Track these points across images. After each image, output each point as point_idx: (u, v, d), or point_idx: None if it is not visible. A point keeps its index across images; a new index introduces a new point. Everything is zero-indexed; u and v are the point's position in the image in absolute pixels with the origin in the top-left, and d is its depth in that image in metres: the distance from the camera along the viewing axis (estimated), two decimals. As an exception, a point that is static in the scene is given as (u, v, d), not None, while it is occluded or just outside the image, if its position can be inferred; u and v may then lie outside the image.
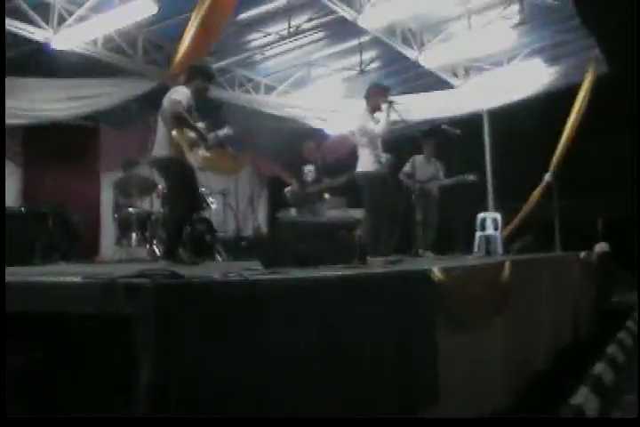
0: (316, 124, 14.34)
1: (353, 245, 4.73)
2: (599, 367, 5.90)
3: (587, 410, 4.69)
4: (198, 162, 6.33)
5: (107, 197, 11.10)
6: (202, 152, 6.38)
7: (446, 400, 3.74)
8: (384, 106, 7.73)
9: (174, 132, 6.06)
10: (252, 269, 3.70)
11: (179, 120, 6.08)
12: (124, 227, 9.79)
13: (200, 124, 6.43)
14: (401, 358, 3.31)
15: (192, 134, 6.19)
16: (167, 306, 2.08)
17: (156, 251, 9.35)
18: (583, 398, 4.94)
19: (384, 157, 7.81)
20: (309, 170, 10.42)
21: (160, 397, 1.99)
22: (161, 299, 2.07)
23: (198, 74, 6.52)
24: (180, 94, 6.16)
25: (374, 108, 7.75)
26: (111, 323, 2.13)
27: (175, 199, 6.51)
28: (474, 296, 4.48)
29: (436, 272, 3.85)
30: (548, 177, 14.08)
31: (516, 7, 11.82)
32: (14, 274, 2.96)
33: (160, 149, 6.21)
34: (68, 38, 9.61)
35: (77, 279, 2.37)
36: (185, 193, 6.33)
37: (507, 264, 5.23)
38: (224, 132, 6.79)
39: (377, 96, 7.77)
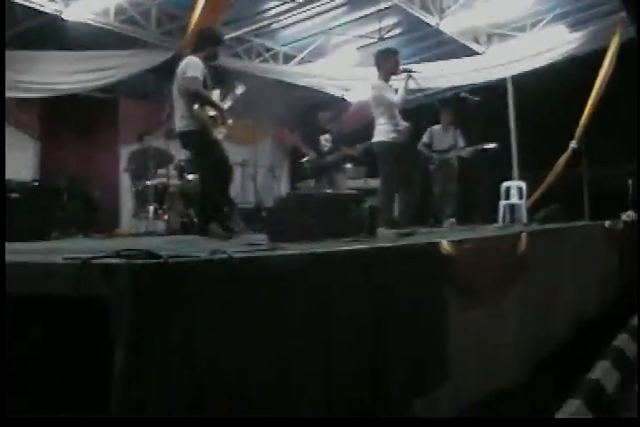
0: (337, 92, 14.20)
1: (362, 217, 4.63)
2: (621, 339, 5.74)
3: (605, 384, 4.56)
4: (221, 134, 6.40)
5: (126, 170, 11.05)
6: (222, 124, 6.45)
7: (463, 375, 3.67)
8: (402, 75, 7.62)
9: (196, 107, 6.04)
10: (256, 244, 3.60)
11: (199, 98, 6.10)
12: (140, 199, 9.76)
13: (216, 92, 6.45)
14: (412, 335, 3.21)
15: (212, 110, 6.25)
16: (143, 287, 1.98)
17: (173, 223, 9.35)
18: (602, 372, 4.81)
19: (402, 126, 7.67)
20: (326, 139, 10.32)
21: (134, 385, 1.90)
22: (137, 280, 1.98)
23: (207, 39, 6.46)
24: (195, 68, 6.10)
25: (388, 75, 7.61)
26: (87, 305, 2.04)
27: (205, 172, 6.44)
28: (489, 268, 4.35)
29: (446, 245, 3.73)
30: (573, 144, 13.83)
31: (538, -29, 11.56)
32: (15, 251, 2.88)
33: (184, 122, 6.19)
34: (78, 10, 9.49)
35: (55, 259, 2.27)
36: (215, 165, 6.30)
37: (524, 235, 5.08)
38: (238, 91, 6.72)
39: (387, 62, 7.63)
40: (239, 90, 6.73)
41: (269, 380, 2.28)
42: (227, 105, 6.52)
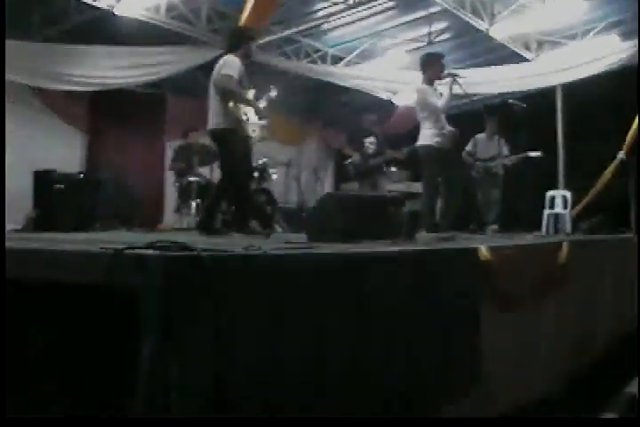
0: (385, 96, 14.15)
1: (400, 220, 4.61)
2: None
3: (641, 399, 4.55)
4: (254, 133, 6.37)
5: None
6: (256, 123, 6.48)
7: (498, 382, 3.63)
8: (447, 80, 7.57)
9: (230, 105, 6.07)
10: (293, 243, 3.61)
11: (234, 96, 6.14)
12: (183, 195, 9.79)
13: (251, 91, 6.48)
14: (443, 339, 3.19)
15: (246, 108, 6.29)
16: (175, 279, 2.00)
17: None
18: (638, 386, 4.77)
19: (447, 130, 7.62)
20: (370, 142, 10.31)
21: (159, 376, 1.91)
22: (168, 271, 1.99)
23: (242, 37, 6.52)
24: (232, 67, 6.13)
25: (432, 80, 7.58)
26: (119, 293, 2.06)
27: (232, 170, 6.46)
28: (522, 277, 4.31)
29: (482, 251, 3.70)
30: (621, 155, 13.62)
31: (590, -22, 11.37)
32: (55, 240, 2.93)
33: (217, 119, 6.21)
34: (130, 5, 9.59)
35: (89, 248, 2.30)
36: (241, 164, 6.32)
37: (559, 245, 5.02)
38: (272, 93, 6.75)
39: (432, 66, 7.59)
40: (273, 92, 6.76)
41: (296, 376, 2.27)
42: (261, 105, 6.54)
